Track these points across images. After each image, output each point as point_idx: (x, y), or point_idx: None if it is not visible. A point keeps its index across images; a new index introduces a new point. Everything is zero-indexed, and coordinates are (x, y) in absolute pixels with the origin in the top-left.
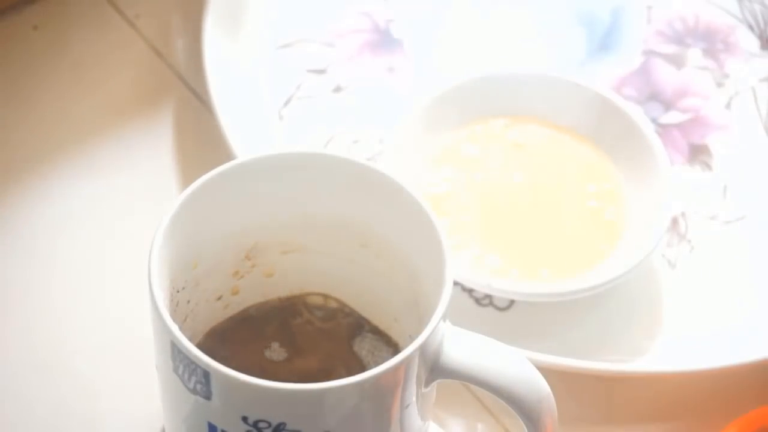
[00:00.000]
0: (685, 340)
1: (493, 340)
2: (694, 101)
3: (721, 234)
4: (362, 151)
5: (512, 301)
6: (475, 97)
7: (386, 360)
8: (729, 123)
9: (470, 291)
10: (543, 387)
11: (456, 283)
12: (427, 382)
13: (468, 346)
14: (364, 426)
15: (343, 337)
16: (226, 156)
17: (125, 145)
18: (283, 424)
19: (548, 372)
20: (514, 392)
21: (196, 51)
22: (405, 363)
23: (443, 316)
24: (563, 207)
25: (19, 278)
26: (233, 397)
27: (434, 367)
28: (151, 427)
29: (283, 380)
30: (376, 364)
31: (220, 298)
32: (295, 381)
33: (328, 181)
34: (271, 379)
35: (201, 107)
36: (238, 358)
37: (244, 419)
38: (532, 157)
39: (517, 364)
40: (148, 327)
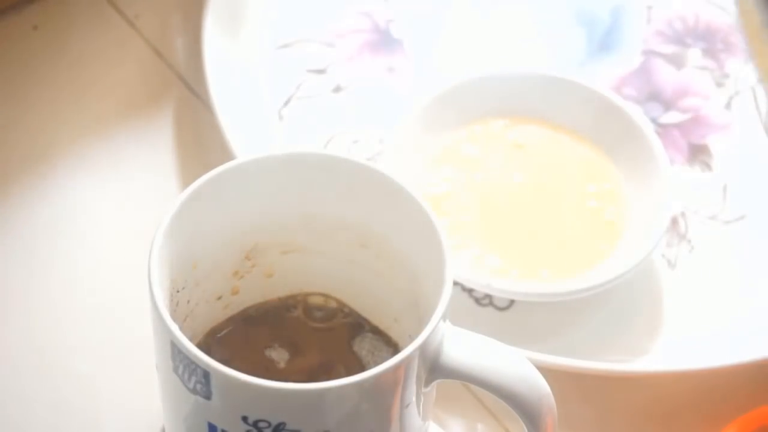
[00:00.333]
0: (685, 340)
1: (493, 340)
2: (694, 101)
3: (721, 234)
4: (362, 151)
5: (512, 301)
6: (475, 97)
7: (386, 360)
8: (729, 123)
9: (470, 291)
10: (543, 387)
11: (456, 283)
12: (427, 382)
13: (468, 346)
14: (364, 426)
15: (343, 337)
16: (226, 156)
17: (125, 145)
18: (283, 424)
19: (548, 372)
20: (514, 392)
21: (196, 51)
22: (405, 363)
23: (443, 316)
24: (563, 207)
25: (19, 278)
26: (233, 396)
27: (434, 367)
28: (151, 427)
29: (283, 380)
30: (376, 364)
31: (220, 298)
32: (295, 381)
33: (328, 181)
34: (271, 379)
35: (201, 107)
36: (238, 358)
37: (244, 419)
38: (532, 157)
39: (517, 364)
40: (148, 327)
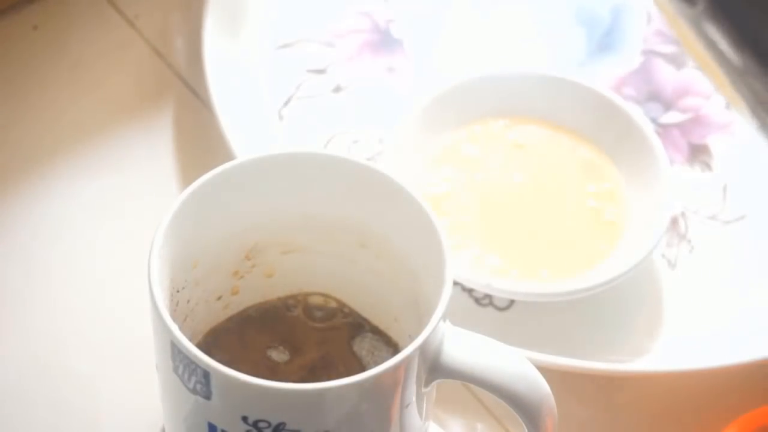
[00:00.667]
0: (685, 340)
1: (493, 340)
2: (694, 101)
3: (721, 234)
4: (362, 151)
5: (512, 301)
6: (475, 97)
7: (386, 360)
8: (729, 123)
9: (470, 291)
10: (543, 387)
11: (456, 283)
12: (427, 382)
13: (468, 346)
14: (364, 426)
15: (343, 337)
16: (226, 156)
17: (125, 145)
18: (283, 424)
19: (548, 372)
20: (514, 392)
21: (196, 51)
22: (405, 363)
23: (443, 316)
24: (563, 207)
25: (19, 278)
26: (233, 396)
27: (434, 367)
28: (151, 427)
29: (283, 380)
30: (376, 364)
31: (220, 298)
32: (295, 381)
33: (328, 181)
34: (271, 379)
35: (201, 107)
36: (238, 358)
37: (244, 419)
38: (532, 158)
39: (517, 364)
40: (148, 327)
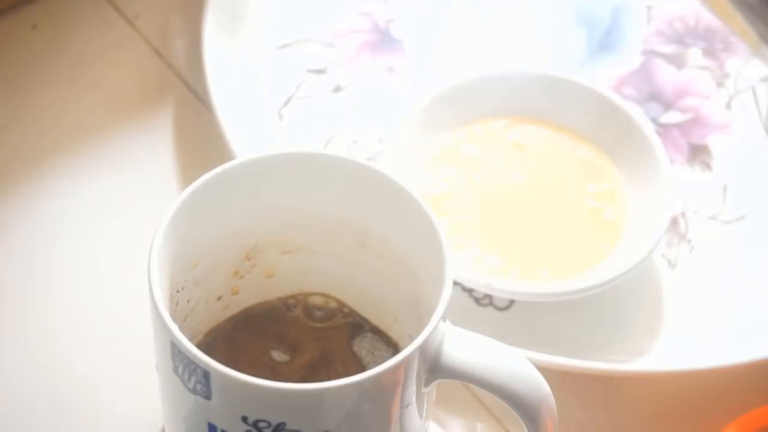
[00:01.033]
0: (685, 340)
1: (493, 340)
2: (694, 101)
3: (721, 234)
4: (362, 151)
5: (512, 301)
6: (475, 97)
7: (386, 360)
8: (729, 123)
9: (470, 291)
10: (543, 387)
11: (456, 283)
12: (427, 382)
13: (468, 346)
14: (364, 426)
15: (343, 337)
16: (226, 156)
17: (125, 145)
18: (283, 424)
19: (548, 372)
20: (514, 392)
21: (196, 51)
22: (405, 363)
23: (443, 316)
24: (563, 207)
25: (19, 278)
26: (233, 396)
27: (434, 367)
28: (151, 427)
29: (283, 380)
30: (376, 363)
31: (219, 298)
32: (295, 381)
33: (328, 181)
34: (271, 379)
35: (201, 107)
36: (238, 358)
37: (244, 419)
38: (532, 158)
39: (517, 364)
40: (148, 327)
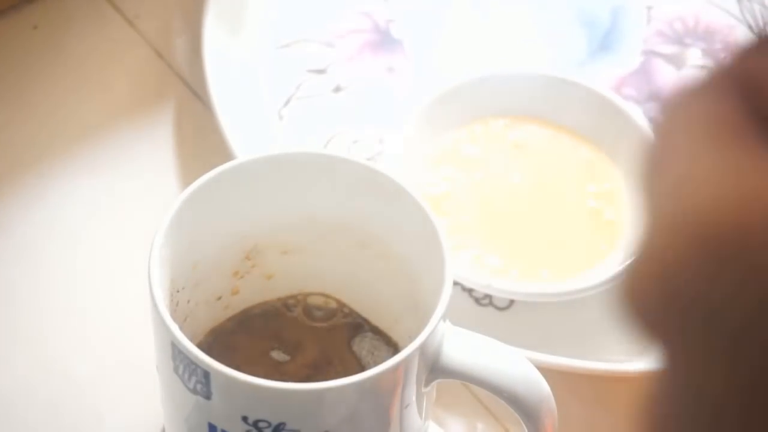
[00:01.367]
0: None
1: (493, 340)
2: None
3: None
4: (362, 151)
5: (512, 301)
6: (475, 97)
7: (386, 360)
8: None
9: (470, 291)
10: (543, 387)
11: (456, 283)
12: (427, 382)
13: (468, 346)
14: (363, 426)
15: (343, 337)
16: (226, 156)
17: (125, 145)
18: (283, 424)
19: (548, 372)
20: (514, 392)
21: (196, 51)
22: (405, 363)
23: (443, 316)
24: (563, 207)
25: (18, 278)
26: (233, 396)
27: (434, 367)
28: (152, 428)
29: (283, 380)
30: (376, 364)
31: (220, 299)
32: (295, 381)
33: (328, 181)
34: (271, 379)
35: (201, 107)
36: (238, 358)
37: (244, 419)
38: (532, 158)
39: (517, 364)
40: (148, 327)
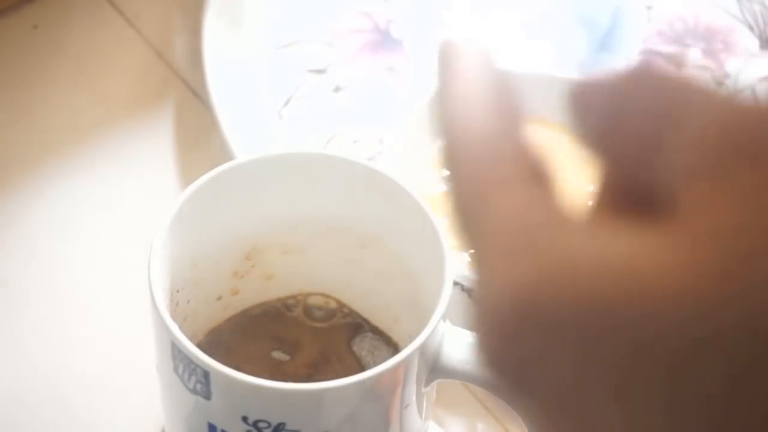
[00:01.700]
0: None
1: None
2: None
3: None
4: (362, 151)
5: None
6: None
7: (386, 360)
8: None
9: (470, 291)
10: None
11: (456, 283)
12: (427, 382)
13: (468, 346)
14: (363, 426)
15: (343, 337)
16: (226, 156)
17: (125, 145)
18: (283, 424)
19: None
20: None
21: (196, 51)
22: (405, 363)
23: (443, 316)
24: None
25: (18, 278)
26: (233, 397)
27: (434, 367)
28: (151, 428)
29: (282, 380)
30: (376, 364)
31: (219, 299)
32: (295, 381)
33: (328, 181)
34: (270, 379)
35: (201, 107)
36: (238, 358)
37: (244, 419)
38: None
39: None
40: (148, 327)
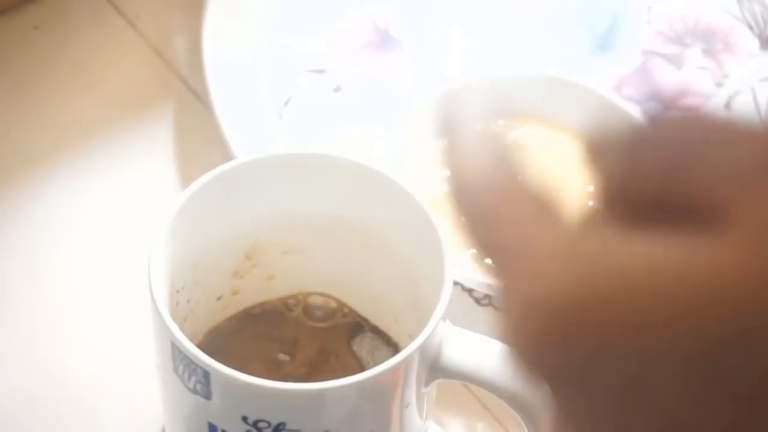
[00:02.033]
0: None
1: (493, 340)
2: (694, 101)
3: None
4: (362, 151)
5: None
6: (475, 97)
7: (386, 360)
8: None
9: (470, 291)
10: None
11: (456, 283)
12: (427, 382)
13: (468, 346)
14: (364, 426)
15: (343, 336)
16: (226, 156)
17: (125, 145)
18: (283, 424)
19: None
20: (514, 392)
21: (196, 51)
22: (405, 363)
23: (443, 316)
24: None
25: (19, 278)
26: (233, 396)
27: (434, 367)
28: (151, 427)
29: (283, 380)
30: (376, 363)
31: (219, 298)
32: (296, 381)
33: (328, 181)
34: (271, 379)
35: (201, 107)
36: (238, 358)
37: (244, 419)
38: (532, 158)
39: None
40: (148, 327)
